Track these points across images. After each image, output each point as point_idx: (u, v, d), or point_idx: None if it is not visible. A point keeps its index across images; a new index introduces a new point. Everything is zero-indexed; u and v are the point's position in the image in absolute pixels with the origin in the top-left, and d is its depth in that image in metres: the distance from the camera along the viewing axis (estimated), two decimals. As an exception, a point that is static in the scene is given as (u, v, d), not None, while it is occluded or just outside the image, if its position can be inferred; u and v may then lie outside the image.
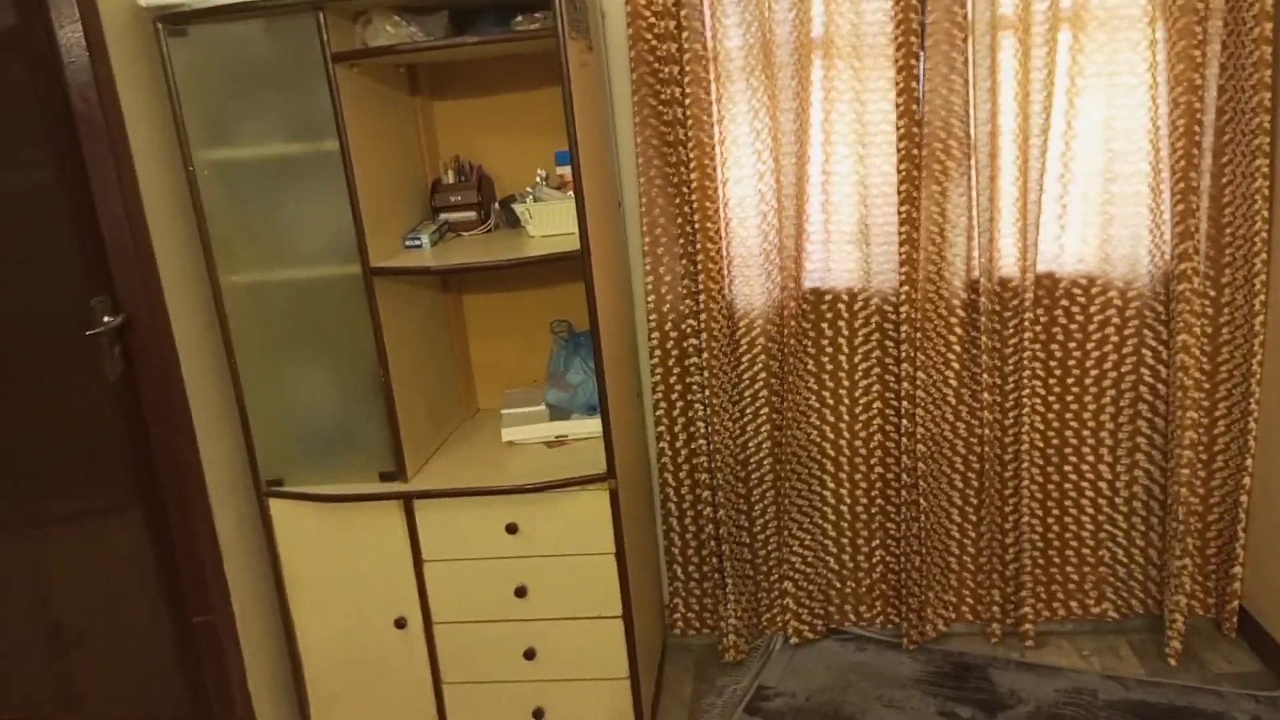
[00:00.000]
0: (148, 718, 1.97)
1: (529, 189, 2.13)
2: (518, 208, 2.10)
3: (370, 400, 2.03)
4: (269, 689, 2.18)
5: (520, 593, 2.10)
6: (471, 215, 2.19)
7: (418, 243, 2.06)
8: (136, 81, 1.85)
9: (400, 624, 2.13)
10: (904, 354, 2.32)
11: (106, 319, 1.79)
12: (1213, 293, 2.27)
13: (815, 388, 2.44)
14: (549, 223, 2.06)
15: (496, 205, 2.25)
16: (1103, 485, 2.44)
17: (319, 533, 2.10)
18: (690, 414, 2.43)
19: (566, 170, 2.07)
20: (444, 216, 2.20)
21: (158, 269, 1.87)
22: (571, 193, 1.87)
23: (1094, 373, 2.37)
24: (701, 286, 2.30)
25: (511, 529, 2.06)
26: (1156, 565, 2.46)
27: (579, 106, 1.87)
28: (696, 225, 2.26)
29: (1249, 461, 2.31)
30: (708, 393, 2.38)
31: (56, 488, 1.73)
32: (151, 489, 1.94)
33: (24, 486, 1.66)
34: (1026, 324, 2.30)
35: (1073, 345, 2.36)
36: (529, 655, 2.13)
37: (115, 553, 1.88)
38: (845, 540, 2.53)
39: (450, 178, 2.21)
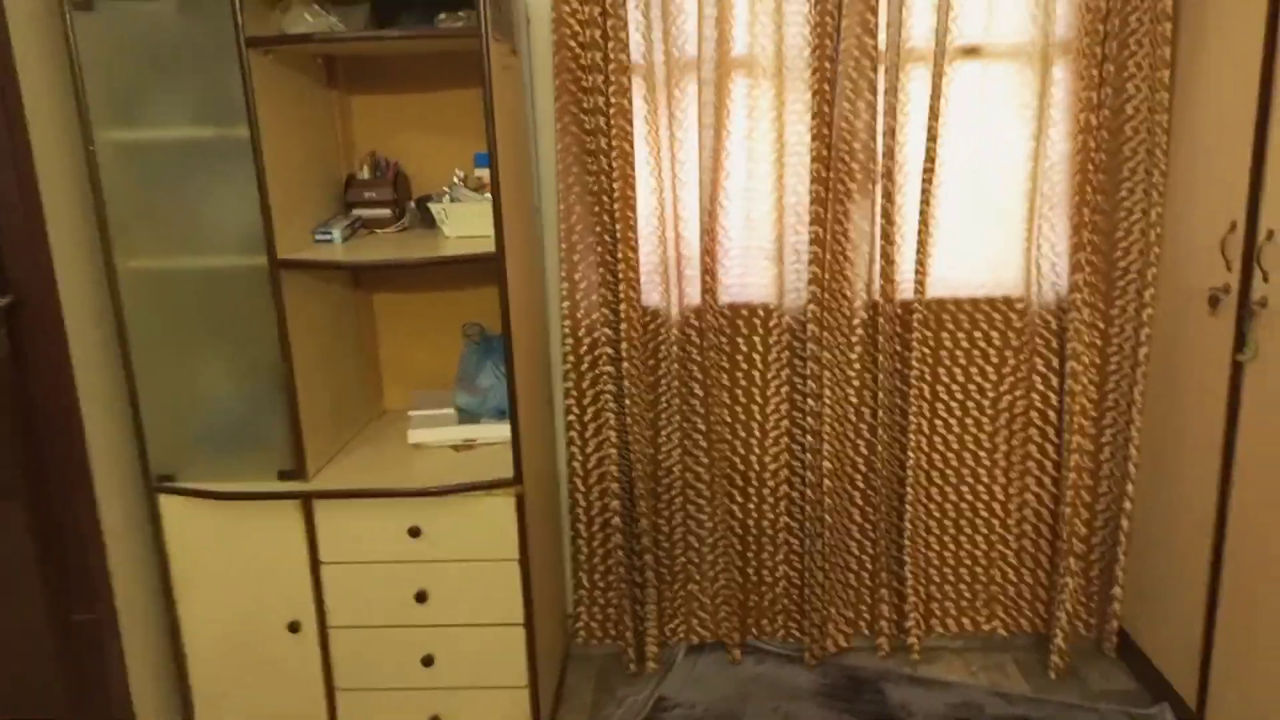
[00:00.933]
0: (24, 716, 1.88)
1: (446, 189, 2.12)
2: (434, 207, 2.09)
3: (272, 396, 1.98)
4: (151, 690, 2.10)
5: (420, 597, 2.07)
6: (386, 213, 2.16)
7: (328, 237, 2.03)
8: (38, 55, 1.78)
9: (294, 627, 2.08)
10: (810, 371, 2.38)
11: (-7, 298, 1.72)
12: (1101, 324, 2.38)
13: (729, 401, 2.47)
14: (465, 224, 2.05)
15: (412, 204, 2.23)
16: (995, 506, 2.53)
17: (212, 530, 2.04)
18: (601, 422, 2.44)
19: (485, 172, 2.07)
20: (357, 212, 2.17)
21: (50, 249, 1.80)
22: (488, 195, 1.87)
23: (990, 395, 2.47)
24: (621, 295, 2.32)
25: (414, 532, 2.03)
26: (1044, 585, 2.56)
27: (500, 109, 1.87)
28: (617, 234, 2.28)
29: (1129, 487, 2.43)
30: (627, 401, 2.39)
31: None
32: (35, 477, 1.86)
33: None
34: (916, 345, 2.38)
35: (972, 369, 2.45)
36: (427, 662, 2.10)
37: (-10, 543, 1.79)
38: (750, 554, 2.57)
39: (366, 173, 2.19)
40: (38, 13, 1.79)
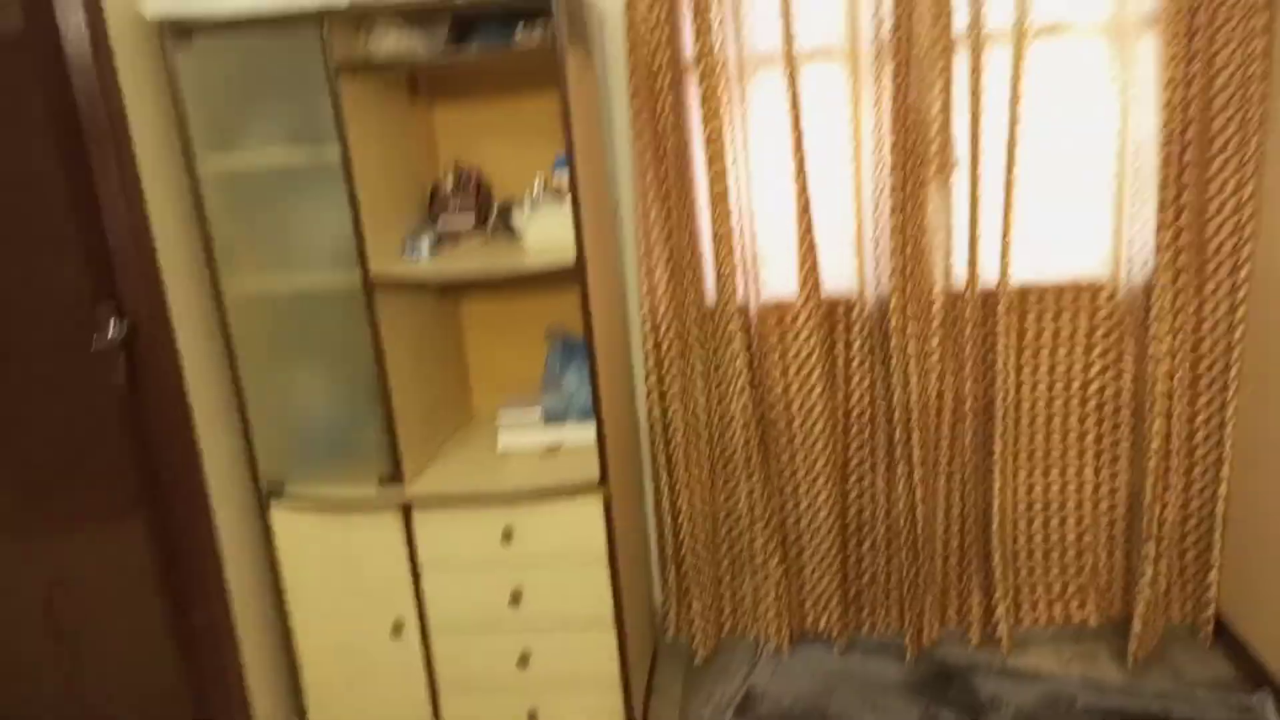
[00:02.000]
0: (150, 717, 1.99)
1: (526, 196, 2.15)
2: (515, 218, 2.12)
3: (369, 406, 2.05)
4: (268, 690, 2.20)
5: (515, 598, 2.12)
6: (469, 222, 2.21)
7: (417, 251, 2.08)
8: (141, 89, 1.86)
9: (397, 630, 2.16)
10: (895, 362, 2.36)
11: (112, 326, 1.80)
12: (1194, 306, 2.32)
13: (813, 396, 2.47)
14: (546, 232, 2.08)
15: (495, 211, 2.27)
16: (1085, 492, 2.49)
17: (318, 538, 2.12)
18: (685, 419, 2.46)
19: (565, 175, 2.10)
20: (443, 222, 2.21)
21: (161, 276, 1.88)
22: (568, 201, 1.89)
23: (1078, 382, 2.42)
24: (702, 290, 2.33)
25: (507, 535, 2.09)
26: (1137, 573, 2.51)
27: (577, 114, 1.89)
28: (700, 231, 2.29)
29: (1225, 470, 2.37)
30: (708, 400, 2.41)
31: (62, 492, 1.75)
32: (154, 494, 1.96)
33: (31, 490, 1.68)
34: (1001, 332, 2.34)
35: (1058, 355, 2.41)
36: (523, 661, 2.16)
37: (118, 556, 1.90)
38: (840, 546, 2.56)
39: (449, 184, 2.23)
40: (140, 48, 1.86)
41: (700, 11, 2.16)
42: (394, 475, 2.09)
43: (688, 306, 2.39)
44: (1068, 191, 2.34)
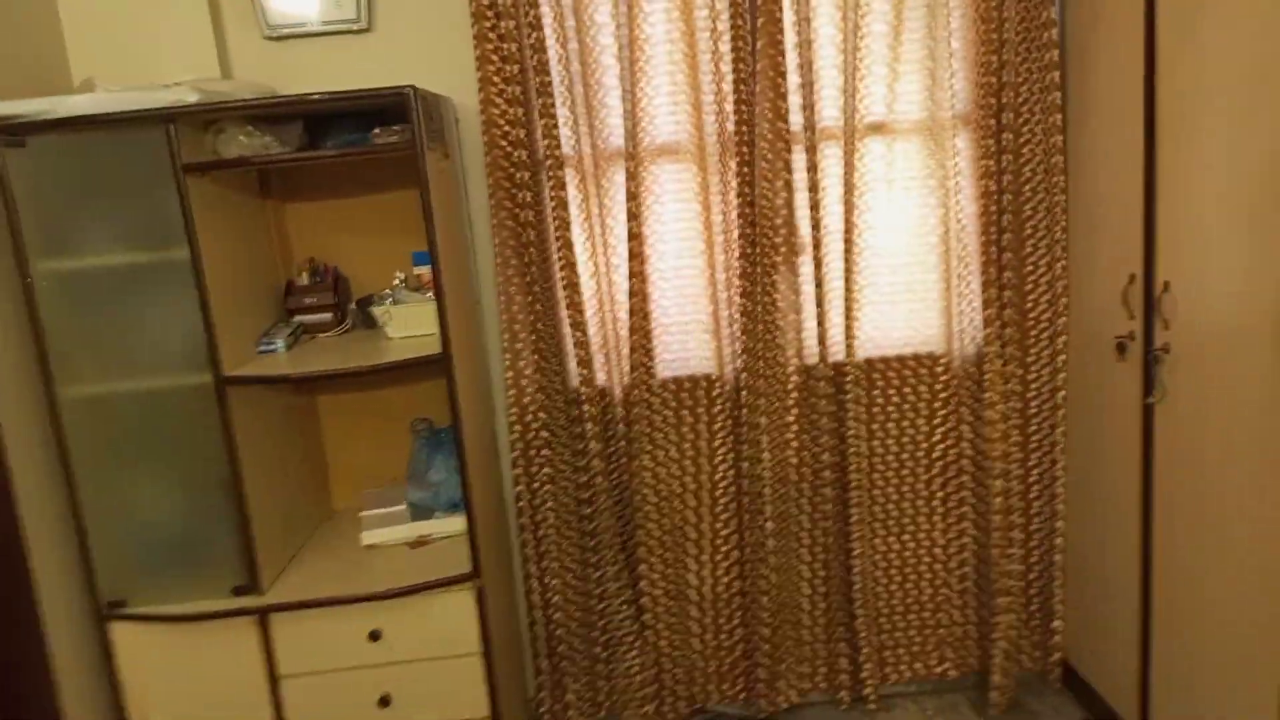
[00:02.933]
0: None
1: (388, 290, 2.15)
2: (376, 310, 2.11)
3: (222, 511, 1.97)
4: (108, 827, 2.03)
5: (384, 702, 2.05)
6: (327, 317, 2.18)
7: (272, 347, 2.04)
8: (-35, 192, 1.77)
9: (256, 747, 2.04)
10: (749, 437, 2.46)
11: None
12: (1020, 373, 2.52)
13: (678, 474, 2.53)
14: (408, 324, 2.08)
15: (353, 306, 2.25)
16: (937, 552, 2.63)
17: (166, 653, 2.00)
18: (553, 503, 2.46)
19: (424, 270, 2.11)
20: (299, 318, 2.18)
21: (-12, 384, 1.77)
22: (430, 293, 1.91)
23: (924, 447, 2.58)
24: (579, 378, 2.37)
25: (375, 636, 2.02)
26: (989, 625, 2.66)
27: (438, 210, 1.92)
28: (560, 319, 2.33)
29: (1059, 524, 2.56)
30: (574, 482, 2.42)
31: None
32: (-24, 617, 1.81)
33: None
34: (851, 404, 2.48)
35: (904, 423, 2.56)
36: (395, 766, 2.08)
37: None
38: (708, 620, 2.61)
39: (305, 279, 2.20)
40: (-34, 150, 1.78)
41: (546, 111, 2.24)
42: (250, 584, 2.00)
43: (553, 393, 2.42)
44: (905, 272, 2.52)
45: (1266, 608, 1.77)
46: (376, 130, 1.92)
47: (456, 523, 2.17)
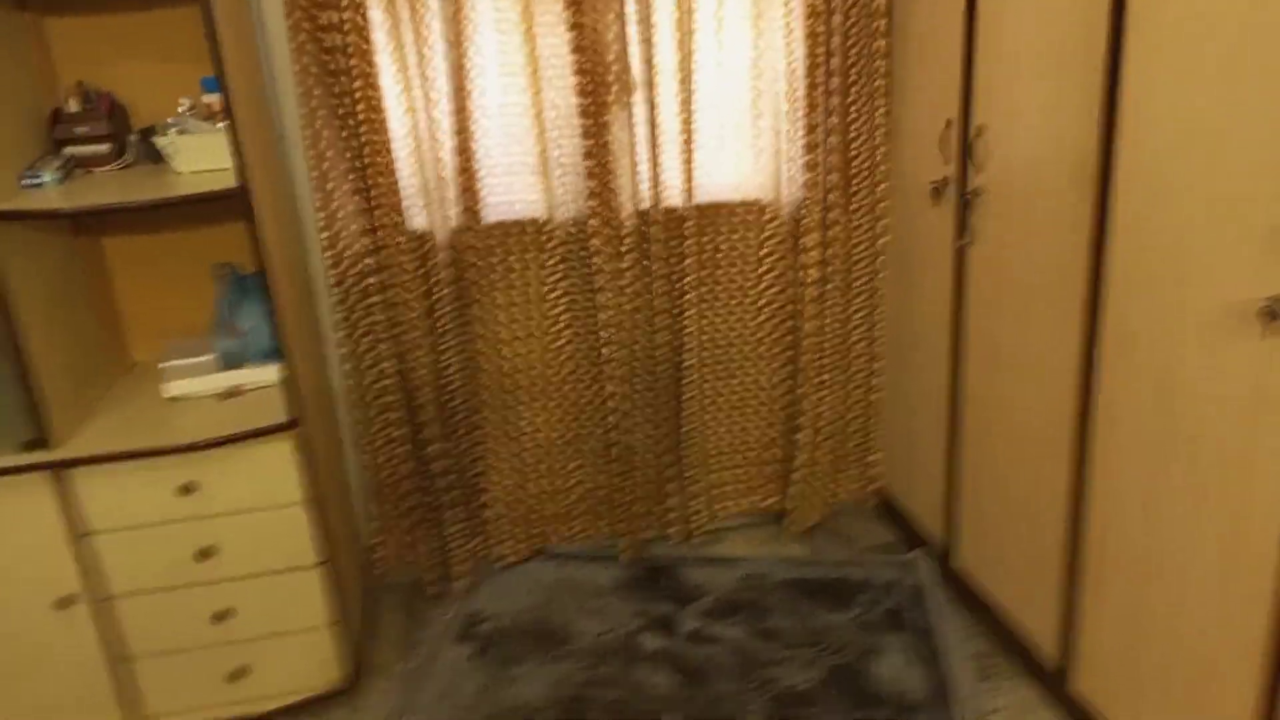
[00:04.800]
0: None
1: (171, 120, 1.95)
2: (160, 141, 1.91)
3: (2, 363, 1.79)
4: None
5: (205, 554, 1.98)
6: (104, 149, 1.96)
7: (38, 180, 1.82)
8: None
9: (64, 604, 1.94)
10: (585, 282, 2.43)
11: None
12: (843, 220, 2.57)
13: (505, 320, 2.48)
14: (199, 157, 1.90)
15: (134, 137, 2.03)
16: (761, 393, 2.73)
17: (-55, 517, 1.84)
18: (378, 351, 2.38)
19: (215, 98, 1.92)
20: (69, 151, 1.95)
21: None
22: (222, 124, 1.74)
23: (752, 292, 2.62)
24: (379, 221, 2.25)
25: (188, 489, 1.93)
26: (813, 459, 2.80)
27: (224, 28, 1.72)
28: (367, 159, 2.19)
29: (878, 364, 2.69)
30: (400, 327, 2.34)
31: None
32: None
33: None
34: (689, 249, 2.48)
35: (733, 270, 2.59)
36: (221, 617, 2.03)
37: None
38: (543, 465, 2.63)
39: (74, 106, 1.96)
40: None
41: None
42: (40, 438, 1.85)
43: (375, 234, 2.30)
44: (736, 116, 2.48)
45: (1056, 434, 1.93)
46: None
47: (270, 372, 2.07)
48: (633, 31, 2.29)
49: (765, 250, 2.59)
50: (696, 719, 2.08)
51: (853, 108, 2.46)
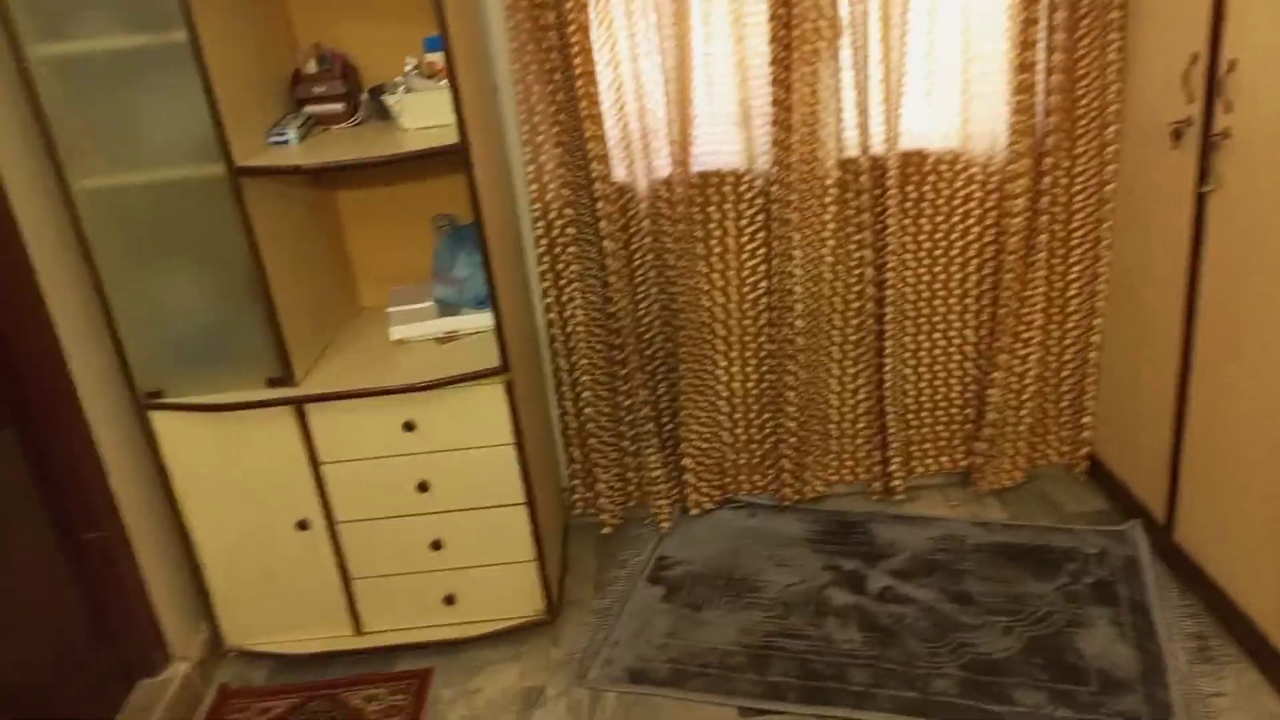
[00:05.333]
0: (49, 639, 1.95)
1: (399, 78, 2.05)
2: (388, 99, 2.02)
3: (249, 305, 1.97)
4: (172, 599, 2.18)
5: (423, 487, 2.13)
6: (338, 107, 2.09)
7: (284, 138, 1.97)
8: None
9: (303, 525, 2.14)
10: (782, 233, 2.39)
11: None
12: (1066, 164, 2.39)
13: (705, 270, 2.49)
14: (423, 114, 1.99)
15: (365, 95, 2.15)
16: (968, 349, 2.60)
17: (209, 441, 2.07)
18: (578, 302, 2.45)
19: (437, 57, 2.00)
20: (309, 109, 2.10)
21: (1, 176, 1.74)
22: (444, 81, 1.81)
23: (959, 244, 2.50)
24: (587, 174, 2.29)
25: (409, 426, 2.07)
26: (1016, 419, 2.67)
27: (447, -10, 1.79)
28: (580, 111, 2.23)
29: (1097, 321, 2.50)
30: (604, 276, 2.40)
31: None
32: (22, 407, 1.86)
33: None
34: (892, 199, 2.38)
35: (939, 218, 2.47)
36: (436, 546, 2.18)
37: (-9, 480, 1.82)
38: (739, 415, 2.64)
39: (312, 67, 2.10)
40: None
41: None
42: (284, 375, 2.03)
43: (578, 188, 2.35)
44: (946, 59, 2.34)
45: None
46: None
47: (483, 319, 2.17)
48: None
49: (970, 200, 2.45)
50: (886, 678, 2.05)
51: (1081, 43, 2.27)
